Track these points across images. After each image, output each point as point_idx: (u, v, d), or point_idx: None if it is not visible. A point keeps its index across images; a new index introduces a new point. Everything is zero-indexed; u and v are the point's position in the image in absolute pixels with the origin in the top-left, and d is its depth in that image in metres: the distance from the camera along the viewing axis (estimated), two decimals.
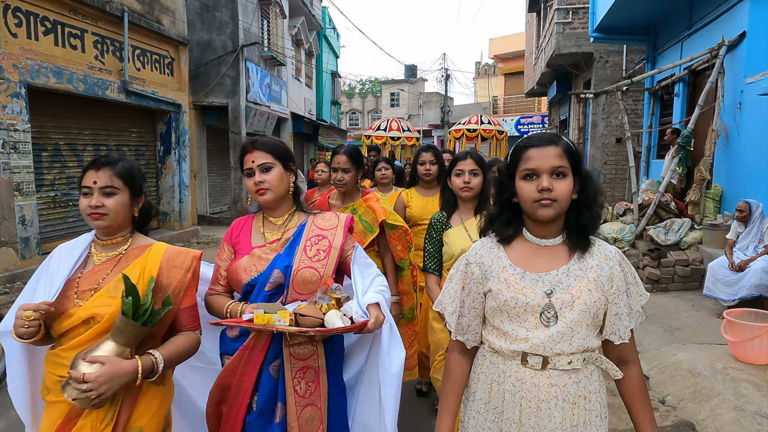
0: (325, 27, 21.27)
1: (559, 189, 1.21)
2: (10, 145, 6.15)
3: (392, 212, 2.72)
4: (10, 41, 6.19)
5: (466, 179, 2.39)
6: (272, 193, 1.72)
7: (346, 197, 2.80)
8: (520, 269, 1.27)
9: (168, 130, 9.65)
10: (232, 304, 1.68)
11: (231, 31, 12.09)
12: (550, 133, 1.37)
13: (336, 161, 2.71)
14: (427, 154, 3.30)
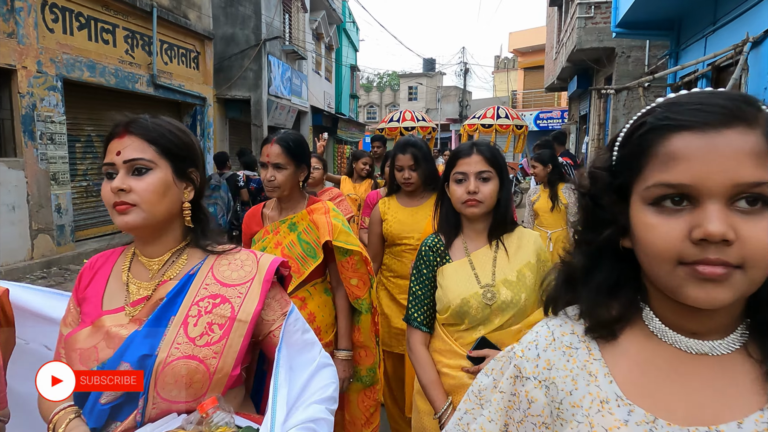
0: (345, 21, 21.38)
1: None
2: (47, 137, 6.42)
3: (344, 231, 1.92)
4: (47, 36, 6.45)
5: (472, 188, 1.49)
6: (141, 213, 1.00)
7: (284, 206, 2.02)
8: (646, 414, 0.61)
9: (193, 122, 9.90)
10: (60, 414, 1.01)
11: (254, 26, 12.28)
12: None
13: (265, 154, 1.91)
14: (404, 156, 2.39)
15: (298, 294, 1.93)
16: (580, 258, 0.69)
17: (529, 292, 1.50)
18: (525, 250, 1.55)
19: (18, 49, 5.99)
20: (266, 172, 1.91)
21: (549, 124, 25.31)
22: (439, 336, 1.56)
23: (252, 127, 12.73)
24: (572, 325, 0.71)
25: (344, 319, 2.00)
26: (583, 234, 0.70)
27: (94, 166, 7.81)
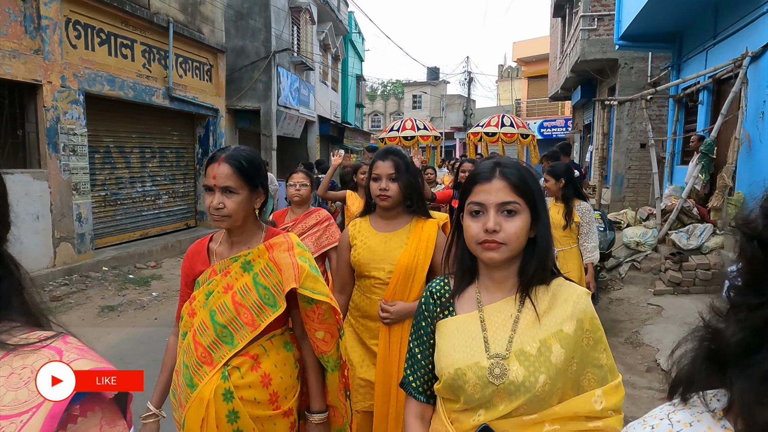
0: (351, 31, 21.71)
1: None
2: (69, 148, 6.66)
3: (312, 274, 1.56)
4: (71, 52, 6.71)
5: (491, 225, 1.11)
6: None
7: (235, 240, 1.63)
8: None
9: (206, 133, 10.14)
10: None
11: (264, 38, 12.57)
12: None
13: (211, 175, 1.53)
14: (384, 163, 2.03)
15: (249, 350, 1.55)
16: (738, 330, 0.49)
17: (554, 374, 1.06)
18: (559, 312, 1.12)
19: (44, 65, 6.24)
20: (212, 198, 1.52)
21: (553, 133, 25.50)
22: (437, 413, 1.20)
23: (261, 137, 12.99)
24: (710, 426, 0.50)
25: (314, 376, 1.67)
26: (745, 295, 0.50)
27: (112, 176, 8.05)
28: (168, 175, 9.41)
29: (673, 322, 4.94)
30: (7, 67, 5.78)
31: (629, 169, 11.24)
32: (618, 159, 11.29)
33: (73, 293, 6.16)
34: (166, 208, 9.36)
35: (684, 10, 7.71)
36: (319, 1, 16.20)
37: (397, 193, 2.01)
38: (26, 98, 6.29)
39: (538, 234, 1.16)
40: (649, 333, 4.80)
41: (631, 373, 4.16)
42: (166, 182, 9.36)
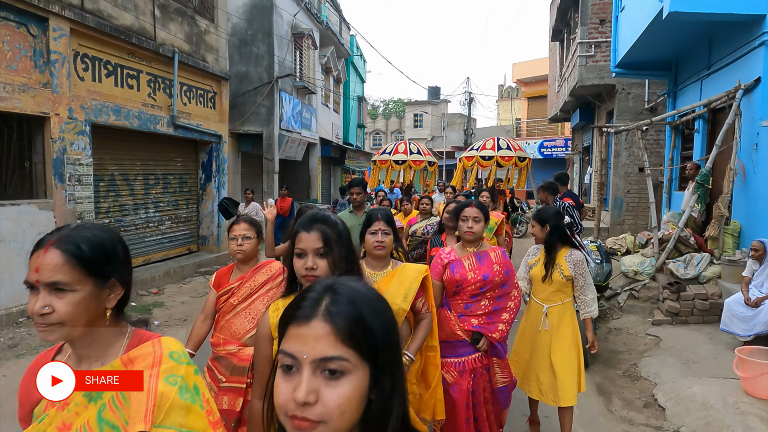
0: (353, 54, 22.04)
1: None
2: (75, 178, 6.78)
3: (181, 404, 1.06)
4: (78, 84, 6.88)
5: (301, 395, 0.71)
6: None
7: (82, 353, 1.15)
8: None
9: (209, 159, 10.28)
10: None
11: (267, 64, 12.80)
12: None
13: (33, 268, 1.07)
14: (309, 235, 1.63)
15: None
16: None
17: None
18: None
19: (52, 98, 6.39)
20: (35, 300, 1.06)
21: (553, 153, 25.68)
22: None
23: (264, 160, 13.14)
24: None
25: None
26: None
27: (117, 203, 8.16)
28: (171, 201, 9.52)
29: (671, 354, 4.97)
30: (17, 101, 5.92)
31: (628, 193, 11.33)
32: (617, 183, 11.39)
33: None
34: (168, 234, 9.45)
35: (679, 41, 7.87)
36: (321, 27, 16.50)
37: (326, 271, 1.61)
38: (34, 130, 6.43)
39: (375, 400, 0.78)
40: (647, 366, 4.82)
41: (629, 408, 4.18)
42: (169, 208, 9.47)
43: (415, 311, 2.35)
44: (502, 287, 2.89)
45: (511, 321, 2.93)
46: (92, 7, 7.02)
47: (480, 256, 2.89)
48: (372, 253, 2.52)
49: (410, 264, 2.48)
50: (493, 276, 2.82)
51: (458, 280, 2.84)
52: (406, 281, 2.26)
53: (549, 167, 20.28)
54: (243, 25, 12.65)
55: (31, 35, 6.18)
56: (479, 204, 2.93)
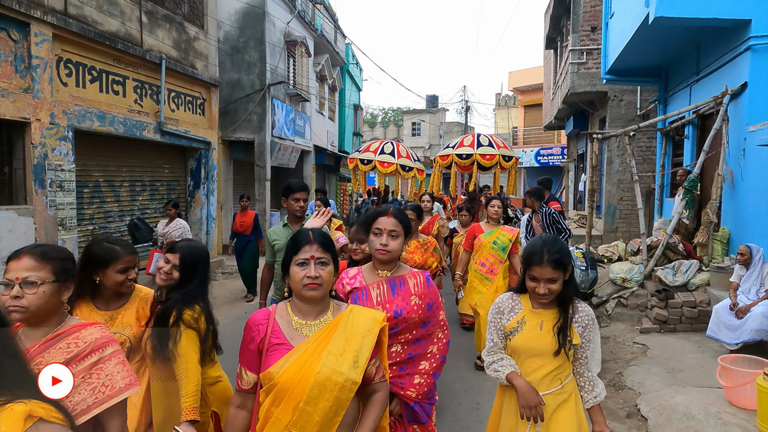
0: (349, 63, 22.07)
1: None
2: (56, 184, 6.70)
3: None
4: (61, 90, 6.82)
5: None
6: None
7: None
8: None
9: (198, 166, 10.22)
10: None
11: (259, 71, 12.77)
12: None
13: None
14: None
15: None
16: None
17: None
18: None
19: (33, 103, 6.33)
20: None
21: (550, 161, 25.65)
22: None
23: (255, 167, 13.07)
24: None
25: None
26: None
27: (101, 210, 8.08)
28: (158, 208, 9.43)
29: (658, 362, 4.86)
30: None
31: (621, 200, 11.25)
32: (609, 190, 11.32)
33: None
34: None
35: (667, 46, 7.83)
36: (315, 35, 16.52)
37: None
38: (14, 136, 6.36)
39: None
40: (633, 375, 4.71)
41: (612, 418, 4.06)
42: (156, 215, 9.38)
43: (366, 380, 1.68)
44: (423, 326, 2.18)
45: (433, 372, 2.19)
46: (76, 13, 6.98)
47: (394, 284, 2.17)
48: (301, 294, 1.67)
49: (359, 308, 1.77)
50: (409, 311, 2.11)
51: None
52: (355, 335, 1.66)
53: (546, 175, 20.17)
54: (235, 32, 12.64)
55: (12, 40, 6.13)
56: (398, 213, 2.24)
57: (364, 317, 1.72)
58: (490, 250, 4.77)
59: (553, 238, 2.10)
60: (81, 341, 1.54)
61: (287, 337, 1.66)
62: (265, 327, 1.68)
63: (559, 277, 2.00)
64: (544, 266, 1.98)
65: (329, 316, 1.72)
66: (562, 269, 2.00)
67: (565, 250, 2.04)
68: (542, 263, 1.98)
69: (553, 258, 1.98)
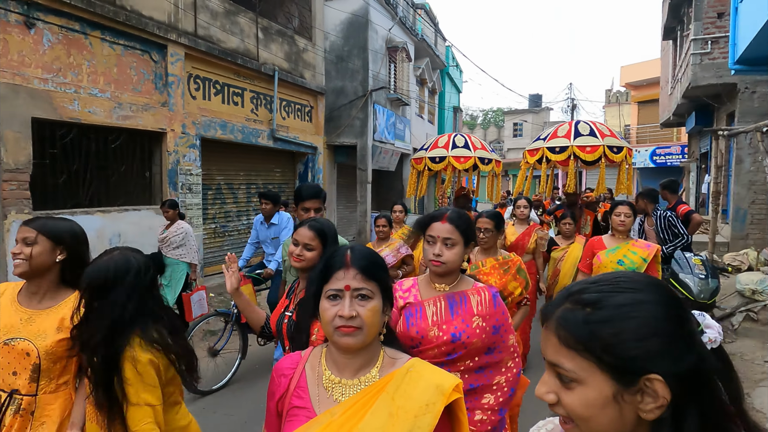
0: (448, 65, 22.08)
1: None
2: (186, 187, 7.53)
3: None
4: (190, 103, 7.66)
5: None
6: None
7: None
8: None
9: (305, 169, 10.87)
10: None
11: (362, 78, 13.26)
12: None
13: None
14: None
15: None
16: None
17: None
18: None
19: (168, 115, 7.19)
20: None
21: (667, 161, 23.57)
22: None
23: (357, 170, 13.58)
24: None
25: None
26: None
27: (221, 211, 8.93)
28: None
29: None
30: (140, 119, 6.74)
31: (753, 204, 10.09)
32: (739, 192, 10.19)
33: None
34: None
35: None
36: (415, 39, 16.77)
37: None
38: (153, 144, 7.26)
39: None
40: (761, 397, 4.25)
41: None
42: None
43: None
44: (487, 353, 1.86)
45: (499, 407, 1.85)
46: (204, 34, 7.80)
47: (453, 301, 1.86)
48: (333, 340, 1.21)
49: (420, 368, 1.21)
50: (469, 335, 1.80)
51: (414, 337, 1.82)
52: (406, 411, 1.12)
53: (662, 177, 18.49)
54: (340, 42, 13.26)
55: (153, 61, 7.01)
56: (456, 218, 1.91)
57: (423, 384, 1.16)
58: None
59: None
60: None
61: (312, 399, 1.21)
62: (288, 380, 1.26)
63: None
64: None
65: (374, 374, 1.21)
66: None
67: None
68: None
69: None
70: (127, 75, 6.63)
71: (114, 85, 6.44)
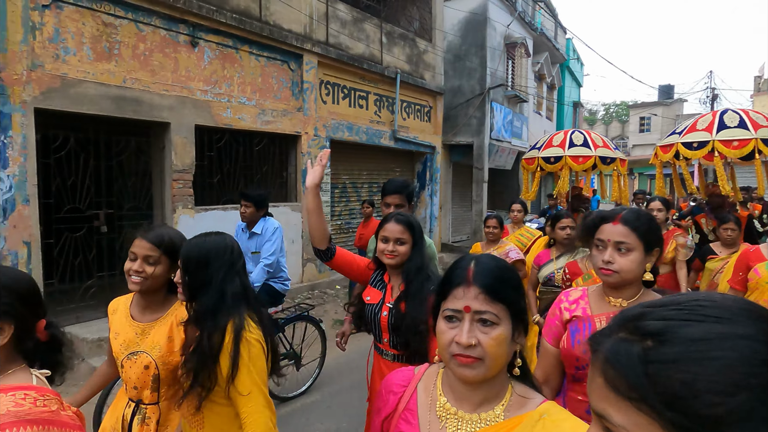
0: (569, 59, 21.06)
1: None
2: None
3: None
4: (321, 107, 8.20)
5: None
6: None
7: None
8: None
9: (423, 168, 11.08)
10: None
11: (479, 76, 13.18)
12: None
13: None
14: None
15: None
16: None
17: None
18: None
19: (303, 120, 7.78)
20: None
21: None
22: None
23: (474, 169, 13.52)
24: None
25: None
26: None
27: (346, 208, 9.44)
28: None
29: None
30: (279, 123, 7.39)
31: None
32: None
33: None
34: None
35: None
36: (534, 34, 16.24)
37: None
38: (289, 147, 7.90)
39: None
40: None
41: None
42: None
43: None
44: None
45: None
46: (334, 42, 8.31)
47: None
48: (449, 367, 1.05)
49: (557, 416, 1.00)
50: None
51: (580, 358, 1.60)
52: None
53: None
54: (458, 41, 13.28)
55: (291, 70, 7.63)
56: (633, 218, 1.65)
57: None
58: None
59: None
60: None
61: (422, 427, 1.08)
62: (397, 399, 1.15)
63: None
64: None
65: (498, 413, 1.03)
66: None
67: None
68: None
69: None
70: (269, 84, 7.29)
71: (258, 94, 7.13)
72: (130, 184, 6.33)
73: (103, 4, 5.33)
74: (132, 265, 1.76)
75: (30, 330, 1.16)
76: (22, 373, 1.12)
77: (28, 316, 1.15)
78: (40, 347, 1.19)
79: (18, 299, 1.12)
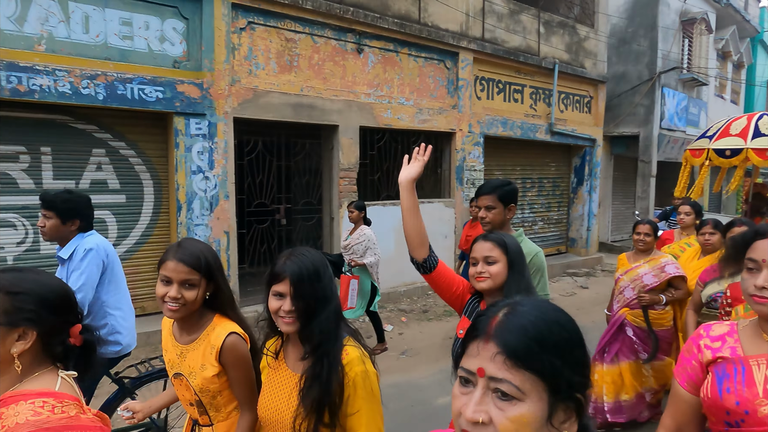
0: (763, 31, 17.98)
1: None
2: (470, 182, 8.13)
3: None
4: (476, 103, 8.21)
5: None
6: None
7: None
8: None
9: (582, 163, 10.44)
10: None
11: (648, 60, 11.95)
12: None
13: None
14: None
15: None
16: None
17: None
18: None
19: (457, 117, 7.87)
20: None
21: None
22: None
23: (639, 163, 12.34)
24: None
25: None
26: None
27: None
28: (544, 203, 10.15)
29: None
30: (435, 121, 7.58)
31: None
32: None
33: None
34: (540, 234, 10.12)
35: None
36: (718, 6, 14.19)
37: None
38: (444, 144, 8.06)
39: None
40: None
41: None
42: (542, 210, 10.12)
43: None
44: None
45: None
46: (490, 37, 8.24)
47: None
48: None
49: None
50: None
51: (731, 410, 1.28)
52: None
53: None
54: (623, 24, 12.20)
55: (447, 68, 7.77)
56: None
57: None
58: None
59: None
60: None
61: None
62: None
63: None
64: None
65: None
66: None
67: None
68: None
69: None
70: (425, 83, 7.52)
71: (416, 94, 7.39)
72: (304, 182, 7.06)
73: (286, 21, 6.01)
74: (167, 290, 1.57)
75: (58, 335, 1.15)
76: (47, 375, 1.13)
77: (55, 322, 1.13)
78: (73, 350, 1.18)
79: (43, 306, 1.11)
